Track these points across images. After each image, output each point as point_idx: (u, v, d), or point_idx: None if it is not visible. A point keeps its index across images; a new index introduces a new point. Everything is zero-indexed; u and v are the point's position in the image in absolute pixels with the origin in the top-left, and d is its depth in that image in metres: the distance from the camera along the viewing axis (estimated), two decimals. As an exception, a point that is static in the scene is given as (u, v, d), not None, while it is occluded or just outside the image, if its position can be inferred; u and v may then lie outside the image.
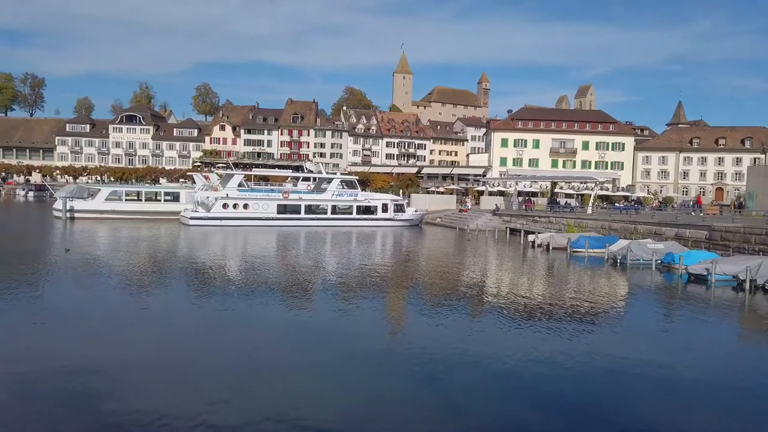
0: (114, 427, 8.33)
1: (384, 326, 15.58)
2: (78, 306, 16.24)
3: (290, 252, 31.25)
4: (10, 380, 9.97)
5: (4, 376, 10.12)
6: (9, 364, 10.76)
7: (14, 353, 11.50)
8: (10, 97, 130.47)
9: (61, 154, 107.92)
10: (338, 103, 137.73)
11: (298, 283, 20.81)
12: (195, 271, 23.34)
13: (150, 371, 10.74)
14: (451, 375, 11.15)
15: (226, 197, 44.24)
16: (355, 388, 10.37)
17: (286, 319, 15.28)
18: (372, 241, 37.92)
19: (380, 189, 73.56)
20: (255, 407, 9.18)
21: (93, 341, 12.57)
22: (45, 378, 10.12)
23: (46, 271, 22.09)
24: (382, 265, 26.60)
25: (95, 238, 34.02)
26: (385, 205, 48.65)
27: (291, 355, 12.22)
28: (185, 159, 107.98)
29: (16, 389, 9.62)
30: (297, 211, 45.69)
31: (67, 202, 44.66)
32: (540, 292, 20.76)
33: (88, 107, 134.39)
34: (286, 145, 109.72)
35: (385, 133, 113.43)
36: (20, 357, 11.25)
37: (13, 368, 10.55)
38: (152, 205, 48.31)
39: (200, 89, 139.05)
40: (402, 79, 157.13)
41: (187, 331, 13.77)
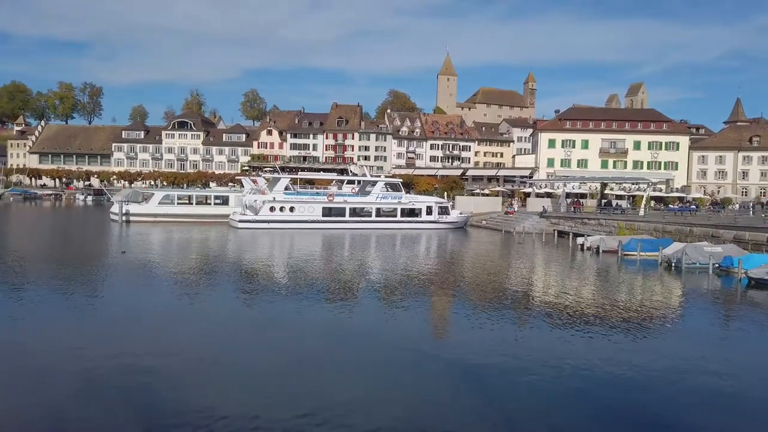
0: (165, 422, 8.59)
1: (429, 329, 15.50)
2: (133, 306, 16.86)
3: (335, 254, 31.54)
4: (72, 377, 10.42)
5: (66, 374, 10.59)
6: (70, 362, 11.26)
7: (75, 351, 12.03)
8: (70, 106, 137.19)
9: (118, 160, 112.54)
10: (382, 106, 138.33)
11: (343, 286, 20.97)
12: (243, 273, 23.86)
13: (201, 370, 11.02)
14: (496, 380, 10.98)
15: (273, 200, 45.06)
16: (400, 391, 10.35)
17: (331, 321, 15.41)
18: (416, 243, 37.84)
19: (424, 191, 73.39)
20: (301, 407, 9.29)
21: (147, 340, 13.01)
22: (103, 375, 10.54)
23: (104, 272, 23.04)
24: (426, 267, 26.49)
25: (149, 241, 35.27)
26: (429, 208, 48.46)
27: (336, 356, 12.31)
28: (234, 163, 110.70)
29: (77, 386, 10.05)
30: (342, 214, 46.08)
31: (123, 206, 46.49)
32: (590, 296, 20.21)
33: (142, 114, 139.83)
34: (331, 148, 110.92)
35: (429, 135, 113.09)
36: (81, 354, 11.75)
37: (74, 365, 11.03)
38: (203, 208, 49.73)
39: (248, 95, 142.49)
40: (446, 81, 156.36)
41: (236, 332, 14.08)
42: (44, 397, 9.45)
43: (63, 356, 11.59)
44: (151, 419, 8.78)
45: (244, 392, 9.97)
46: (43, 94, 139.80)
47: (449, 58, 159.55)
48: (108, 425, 8.60)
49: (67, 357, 11.54)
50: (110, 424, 8.65)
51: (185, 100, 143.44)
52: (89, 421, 8.70)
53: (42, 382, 10.08)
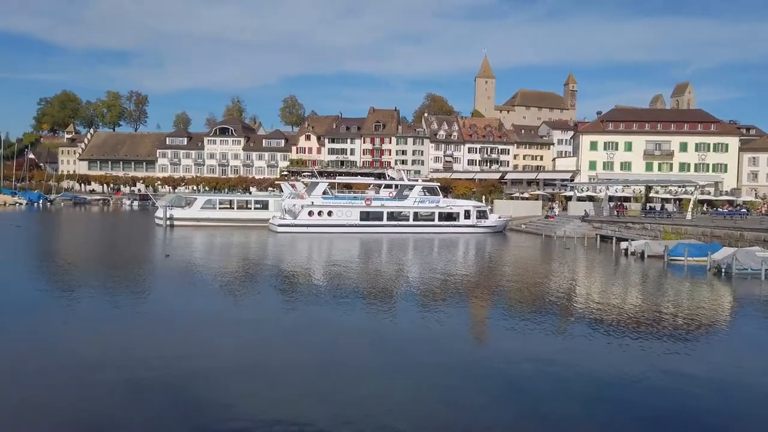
0: (205, 423, 8.73)
1: (468, 335, 15.32)
2: (176, 308, 17.25)
3: (373, 258, 31.58)
4: (117, 377, 10.71)
5: (112, 374, 10.89)
6: (116, 362, 11.58)
7: (121, 351, 12.37)
8: (117, 114, 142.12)
9: (162, 166, 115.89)
10: (419, 110, 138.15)
11: (381, 290, 20.96)
12: (283, 277, 24.14)
13: (242, 373, 11.17)
14: (537, 387, 10.74)
15: (312, 205, 45.51)
16: (439, 397, 10.23)
17: (370, 325, 15.40)
18: (454, 247, 37.55)
19: (462, 195, 72.84)
20: (339, 412, 9.29)
21: (190, 341, 13.28)
22: (147, 375, 10.80)
23: (149, 275, 23.71)
24: (465, 272, 26.23)
25: (192, 244, 36.12)
26: (467, 212, 48.06)
27: (375, 361, 12.28)
28: (273, 168, 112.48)
29: (122, 386, 10.32)
30: (379, 218, 46.15)
31: (167, 211, 47.79)
32: (635, 302, 19.60)
33: (185, 121, 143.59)
34: (369, 153, 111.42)
35: (467, 138, 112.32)
36: (127, 355, 12.08)
37: (120, 365, 11.34)
38: (243, 213, 50.66)
39: (287, 101, 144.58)
40: (484, 84, 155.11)
41: (277, 335, 14.22)
42: (91, 396, 9.73)
43: (110, 356, 11.92)
44: (192, 419, 8.93)
45: (284, 396, 10.04)
46: (92, 103, 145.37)
47: (487, 61, 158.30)
48: (151, 425, 8.79)
49: (113, 357, 11.87)
50: (153, 423, 8.84)
51: (226, 107, 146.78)
52: (133, 420, 8.91)
53: (89, 382, 10.39)
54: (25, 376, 10.59)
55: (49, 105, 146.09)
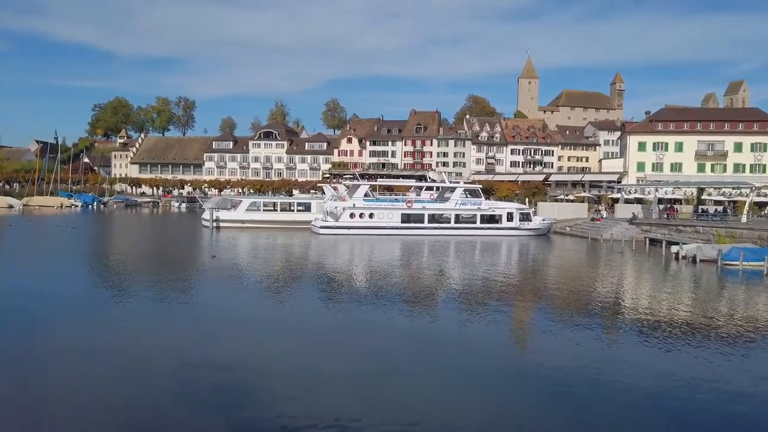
0: (248, 422, 8.89)
1: (510, 339, 15.09)
2: (222, 308, 17.65)
3: (414, 261, 31.52)
4: (164, 374, 11.04)
5: (159, 371, 11.24)
6: (164, 360, 11.94)
7: (169, 349, 12.74)
8: (167, 118, 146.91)
9: (209, 169, 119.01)
10: (461, 112, 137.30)
11: (422, 292, 20.89)
12: (325, 278, 24.38)
13: (284, 373, 11.33)
14: (581, 394, 10.48)
15: (353, 207, 45.80)
16: (480, 402, 10.11)
17: (411, 327, 15.37)
18: (497, 250, 37.08)
19: (505, 197, 71.88)
20: (377, 414, 9.30)
21: (234, 341, 13.56)
22: (193, 374, 11.09)
23: (197, 275, 24.37)
24: (508, 275, 25.86)
25: (237, 246, 36.92)
26: (510, 214, 47.40)
27: (417, 363, 12.24)
28: (316, 171, 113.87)
29: (168, 383, 10.64)
30: (420, 221, 46.04)
31: (213, 213, 49.02)
32: (686, 309, 18.88)
33: (231, 125, 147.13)
34: (410, 155, 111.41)
35: (510, 140, 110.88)
36: (174, 353, 12.43)
37: (167, 363, 11.69)
38: (286, 215, 51.47)
39: (329, 104, 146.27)
40: (527, 84, 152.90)
41: (319, 336, 14.36)
42: (141, 392, 10.06)
43: (159, 353, 12.31)
44: (237, 417, 9.11)
45: (328, 396, 10.12)
46: (142, 109, 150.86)
47: (530, 61, 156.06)
48: (197, 421, 9.01)
49: (162, 354, 12.24)
50: (199, 420, 9.06)
51: (270, 111, 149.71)
52: (180, 417, 9.16)
53: (139, 378, 10.75)
54: (79, 372, 11.04)
55: (102, 111, 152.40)
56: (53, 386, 10.28)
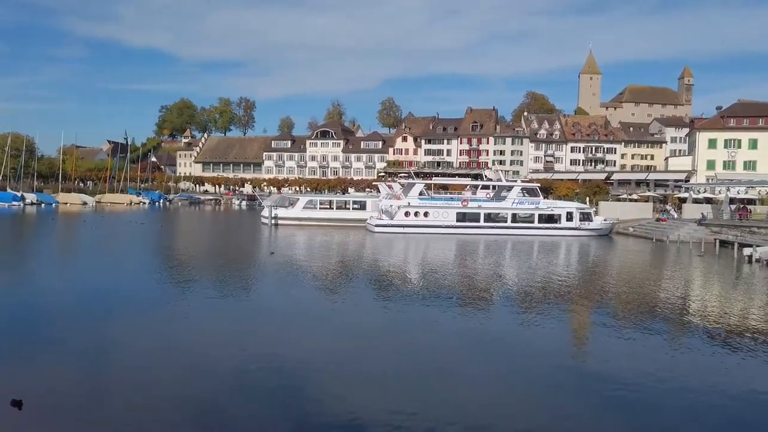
0: (302, 418, 9.04)
1: (568, 343, 14.66)
2: (280, 303, 18.07)
3: (469, 260, 31.19)
4: (223, 368, 11.40)
5: (219, 365, 11.61)
6: (223, 354, 12.33)
7: (228, 343, 13.15)
8: (228, 119, 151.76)
9: (268, 168, 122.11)
10: (519, 109, 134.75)
11: (477, 293, 20.65)
12: (380, 276, 24.51)
13: (342, 369, 11.46)
14: (641, 401, 10.04)
15: (408, 205, 45.80)
16: (536, 406, 9.88)
17: (466, 328, 15.21)
18: (555, 251, 36.15)
19: (564, 197, 70.01)
20: (429, 413, 9.25)
21: (291, 337, 13.84)
22: (251, 368, 11.39)
23: (255, 271, 25.06)
24: (567, 277, 25.16)
25: (294, 243, 37.69)
26: (569, 214, 46.10)
27: (472, 364, 12.11)
28: (371, 169, 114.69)
29: (228, 377, 10.97)
30: (476, 220, 45.51)
31: (272, 211, 50.27)
32: (759, 314, 17.77)
33: (289, 125, 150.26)
34: (465, 153, 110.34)
35: (570, 137, 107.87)
36: (233, 348, 12.82)
37: (226, 357, 12.07)
38: (342, 213, 52.10)
39: (385, 103, 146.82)
40: (589, 80, 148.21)
41: (374, 334, 14.45)
42: (201, 384, 10.42)
43: (219, 347, 12.72)
44: (294, 412, 9.29)
45: (383, 394, 10.17)
46: (206, 109, 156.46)
47: (592, 56, 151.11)
48: (256, 414, 9.25)
49: (222, 348, 12.65)
50: (258, 413, 9.30)
51: (327, 111, 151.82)
52: (237, 411, 9.42)
53: (200, 370, 11.13)
54: (143, 364, 11.56)
55: (168, 112, 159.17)
56: (119, 379, 10.81)
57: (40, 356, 11.80)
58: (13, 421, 8.45)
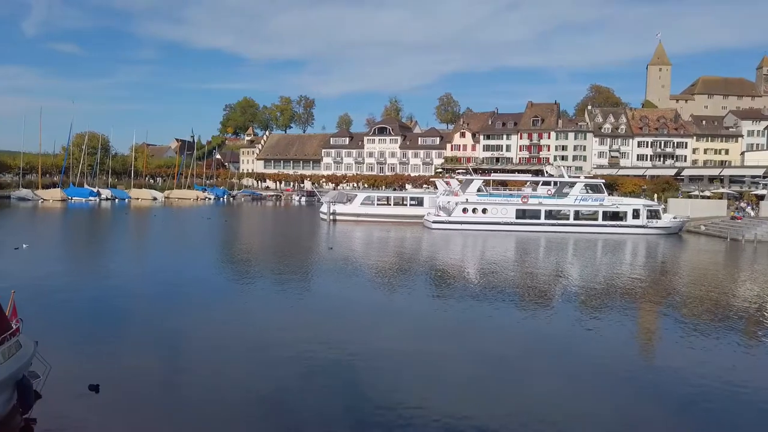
0: (361, 411, 9.11)
1: (633, 346, 14.07)
2: (339, 297, 18.29)
3: (529, 258, 30.52)
4: (285, 357, 11.65)
5: (281, 354, 11.87)
6: (285, 346, 12.61)
7: (289, 334, 13.45)
8: (289, 117, 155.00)
9: (326, 164, 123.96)
10: (582, 103, 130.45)
11: (537, 291, 20.18)
12: (437, 273, 24.38)
13: (399, 362, 11.48)
14: (711, 406, 9.51)
15: (466, 202, 45.32)
16: (598, 409, 9.54)
17: (524, 327, 14.91)
18: (621, 250, 34.82)
19: (630, 193, 67.36)
20: (492, 411, 9.10)
21: (350, 331, 14.01)
22: (312, 357, 11.59)
23: (314, 265, 25.51)
24: (632, 277, 24.17)
25: (352, 238, 38.08)
26: (636, 211, 44.28)
27: (533, 362, 11.85)
28: (428, 166, 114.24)
29: (289, 366, 11.21)
30: (536, 217, 44.48)
31: (330, 206, 51.02)
32: None
33: (347, 122, 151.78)
34: (525, 149, 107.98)
35: (637, 131, 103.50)
36: (295, 340, 13.09)
37: (288, 349, 12.33)
38: (399, 209, 52.22)
39: (442, 99, 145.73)
40: (658, 72, 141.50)
41: (431, 330, 14.40)
42: (264, 373, 10.70)
43: (280, 337, 13.04)
44: (353, 402, 9.38)
45: (441, 389, 10.11)
46: (267, 108, 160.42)
47: (662, 47, 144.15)
48: (317, 403, 9.40)
49: (283, 338, 12.96)
50: (319, 401, 9.45)
51: (385, 107, 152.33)
52: (300, 401, 9.61)
53: (263, 359, 11.44)
54: (211, 354, 11.99)
55: (232, 111, 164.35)
56: (188, 366, 11.26)
57: (116, 343, 12.47)
58: (91, 405, 8.96)
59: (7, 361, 7.75)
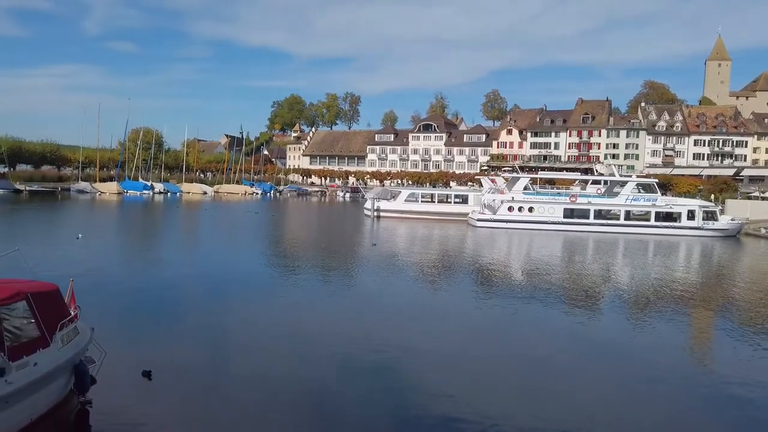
0: (406, 404, 9.08)
1: (689, 353, 13.51)
2: (382, 294, 18.35)
3: (577, 259, 29.79)
4: (328, 353, 11.76)
5: (324, 349, 11.99)
6: (327, 339, 12.73)
7: (332, 330, 13.57)
8: (335, 113, 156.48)
9: (371, 161, 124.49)
10: (635, 100, 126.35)
11: (584, 293, 19.66)
12: (481, 271, 24.11)
13: (440, 363, 11.41)
14: None
15: (512, 200, 44.64)
16: (657, 417, 9.20)
17: (571, 329, 14.54)
18: (674, 252, 33.55)
19: (685, 194, 64.86)
20: (540, 418, 8.92)
21: (392, 328, 14.00)
22: (354, 353, 11.66)
23: (358, 261, 25.66)
24: (686, 281, 23.24)
25: (396, 235, 38.11)
26: (691, 212, 42.58)
27: (579, 365, 11.55)
28: (473, 163, 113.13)
29: (332, 361, 11.30)
30: (585, 216, 43.38)
31: (374, 203, 51.22)
32: None
33: (392, 119, 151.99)
34: (575, 146, 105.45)
35: (693, 129, 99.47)
36: (337, 333, 13.21)
37: (331, 342, 12.44)
38: (443, 206, 51.94)
39: (489, 96, 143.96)
40: (717, 67, 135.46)
41: (474, 328, 14.24)
42: (307, 368, 10.83)
43: (323, 333, 13.17)
44: (395, 399, 9.38)
45: (483, 392, 9.99)
46: (314, 105, 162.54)
47: (721, 41, 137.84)
48: (359, 398, 9.46)
49: (327, 333, 13.08)
50: (361, 398, 9.50)
51: (430, 104, 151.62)
52: (343, 395, 9.68)
53: (306, 355, 11.57)
54: (257, 345, 12.23)
55: (280, 107, 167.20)
56: (235, 356, 11.53)
57: (167, 332, 12.89)
58: (143, 390, 9.28)
59: (66, 346, 8.10)
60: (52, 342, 7.81)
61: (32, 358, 7.36)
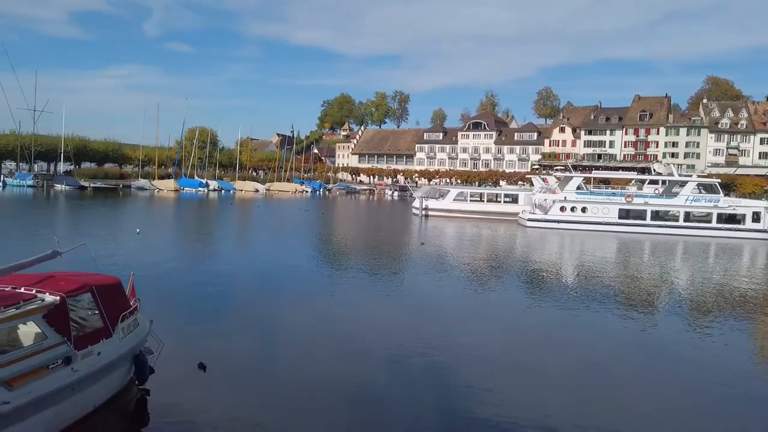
0: (455, 407, 9.01)
1: (755, 364, 12.81)
2: (430, 294, 18.28)
3: (633, 261, 28.78)
4: (375, 352, 11.80)
5: (371, 349, 12.04)
6: (374, 338, 12.78)
7: (379, 328, 13.62)
8: (383, 112, 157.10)
9: (419, 159, 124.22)
10: (697, 96, 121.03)
11: (640, 297, 18.96)
12: (531, 272, 23.65)
13: (493, 365, 11.26)
14: None
15: (564, 200, 43.59)
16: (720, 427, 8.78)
17: (629, 335, 14.06)
18: (737, 255, 31.92)
19: (750, 194, 61.65)
20: (596, 424, 8.66)
21: (441, 327, 13.91)
22: (402, 353, 11.65)
23: (406, 260, 25.65)
24: (750, 286, 22.05)
25: (444, 234, 37.88)
26: (756, 214, 40.46)
27: (639, 376, 11.14)
28: (524, 162, 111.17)
29: (380, 360, 11.34)
30: (642, 217, 41.89)
31: (423, 202, 51.09)
32: None
33: (441, 117, 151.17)
34: (631, 145, 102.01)
35: (760, 127, 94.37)
36: (384, 332, 13.25)
37: (380, 343, 12.49)
38: (493, 206, 51.28)
39: (541, 93, 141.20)
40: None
41: (524, 330, 13.98)
42: (354, 366, 10.91)
43: (370, 331, 13.25)
44: (437, 406, 9.31)
45: (532, 395, 9.79)
46: (363, 103, 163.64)
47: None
48: (407, 398, 9.45)
49: (374, 332, 13.15)
50: (408, 397, 9.48)
51: (480, 102, 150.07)
52: (389, 394, 9.69)
53: (353, 353, 11.65)
54: (306, 341, 12.40)
55: (329, 106, 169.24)
56: (285, 351, 11.75)
57: (222, 325, 13.26)
58: (199, 382, 9.58)
59: (127, 337, 8.47)
60: (114, 333, 8.17)
61: (96, 348, 7.72)
